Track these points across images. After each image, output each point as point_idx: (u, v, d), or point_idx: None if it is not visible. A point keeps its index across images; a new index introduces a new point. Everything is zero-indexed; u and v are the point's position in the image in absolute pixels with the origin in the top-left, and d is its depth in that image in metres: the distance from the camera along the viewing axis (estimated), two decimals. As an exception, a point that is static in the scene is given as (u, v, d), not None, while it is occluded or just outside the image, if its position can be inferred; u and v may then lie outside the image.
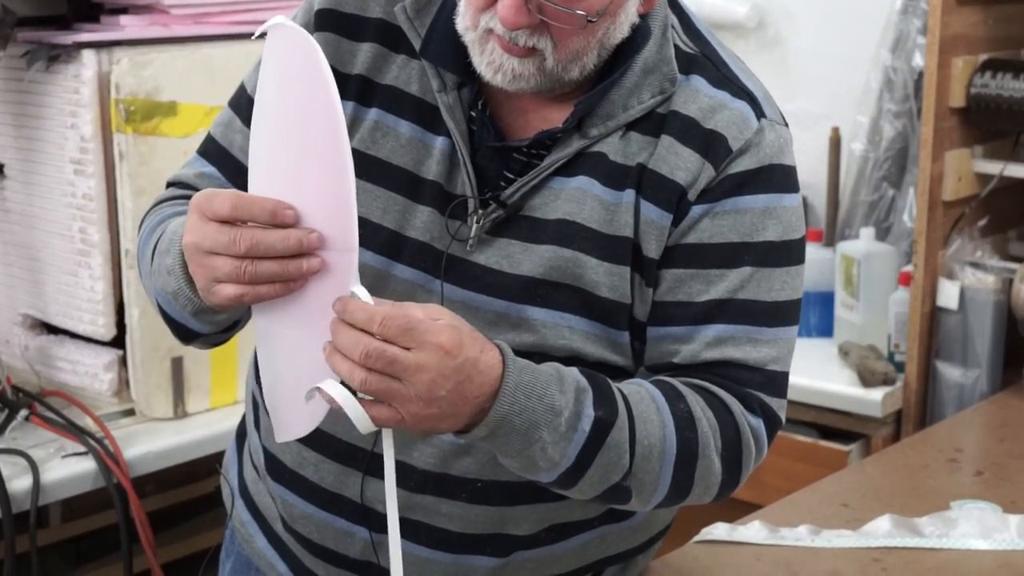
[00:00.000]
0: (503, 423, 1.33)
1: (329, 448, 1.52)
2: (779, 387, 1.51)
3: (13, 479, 2.19)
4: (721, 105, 1.48)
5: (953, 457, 2.40)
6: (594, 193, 1.46)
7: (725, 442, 1.45)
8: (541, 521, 1.53)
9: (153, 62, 2.40)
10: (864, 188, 3.15)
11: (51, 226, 2.50)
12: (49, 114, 2.45)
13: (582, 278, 1.45)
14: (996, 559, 1.95)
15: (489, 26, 1.41)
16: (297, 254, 1.28)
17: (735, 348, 1.47)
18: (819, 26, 3.28)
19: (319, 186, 1.28)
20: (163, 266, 1.44)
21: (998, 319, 2.79)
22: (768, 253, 1.48)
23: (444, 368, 1.27)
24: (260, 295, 1.31)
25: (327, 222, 1.27)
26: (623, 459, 1.40)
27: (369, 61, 1.51)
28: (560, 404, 1.35)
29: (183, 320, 1.47)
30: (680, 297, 1.47)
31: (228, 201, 1.30)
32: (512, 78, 1.42)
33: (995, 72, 2.75)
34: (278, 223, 1.28)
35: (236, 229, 1.29)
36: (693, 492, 1.46)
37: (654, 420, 1.41)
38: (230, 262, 1.29)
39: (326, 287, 1.29)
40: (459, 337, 1.28)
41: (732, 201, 1.46)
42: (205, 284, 1.33)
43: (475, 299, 1.46)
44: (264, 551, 1.66)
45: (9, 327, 2.60)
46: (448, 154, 1.48)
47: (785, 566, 1.92)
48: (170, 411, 2.50)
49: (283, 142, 1.31)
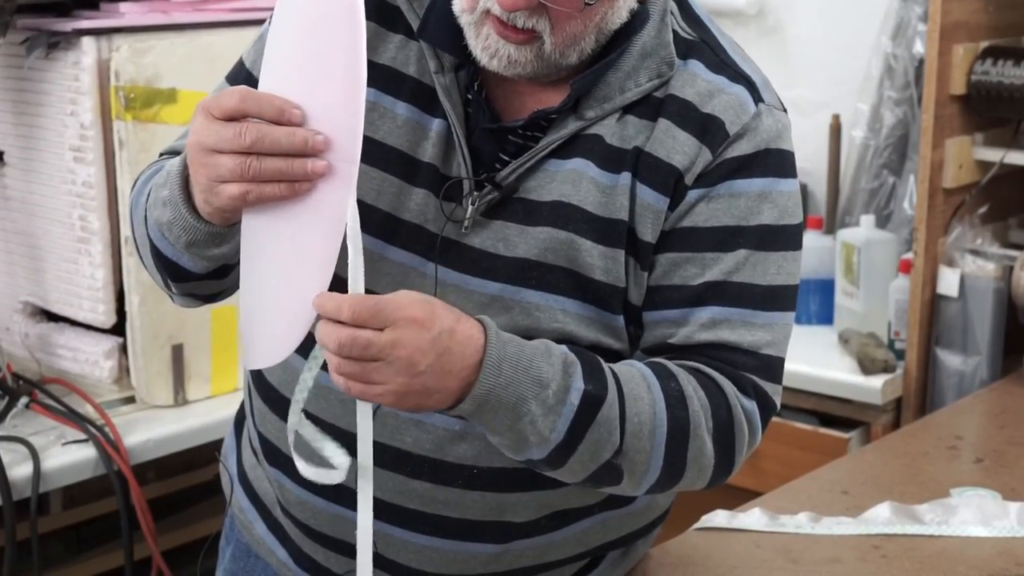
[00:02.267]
0: (489, 396, 1.33)
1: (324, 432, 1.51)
2: (774, 372, 1.50)
3: (13, 466, 2.19)
4: (719, 89, 1.47)
5: (953, 444, 2.40)
6: (590, 175, 1.45)
7: (717, 422, 1.44)
8: (540, 508, 1.53)
9: (153, 49, 2.40)
10: (864, 176, 3.14)
11: (51, 213, 2.50)
12: (49, 101, 2.44)
13: (576, 260, 1.45)
14: (996, 546, 1.96)
15: (486, 7, 1.40)
16: (302, 155, 1.27)
17: (729, 331, 1.46)
18: (819, 13, 3.28)
19: (330, 94, 1.27)
20: (159, 199, 1.43)
21: (998, 307, 2.79)
22: (763, 237, 1.47)
23: (420, 341, 1.28)
24: (264, 194, 1.29)
25: (334, 129, 1.27)
26: (613, 436, 1.39)
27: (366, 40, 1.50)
28: (547, 376, 1.35)
29: (175, 257, 1.45)
30: (675, 281, 1.47)
31: (236, 94, 1.29)
32: (508, 63, 1.42)
33: (996, 59, 2.75)
34: (285, 121, 1.28)
35: (242, 123, 1.29)
36: (686, 474, 1.45)
37: (644, 398, 1.41)
38: (234, 158, 1.29)
39: (324, 197, 1.29)
40: (430, 308, 1.30)
41: (727, 185, 1.46)
42: (207, 184, 1.32)
43: (469, 282, 1.46)
44: (264, 537, 1.66)
45: (9, 314, 2.60)
46: (444, 136, 1.47)
47: (785, 553, 1.92)
48: (170, 398, 2.50)
49: (300, 45, 1.30)
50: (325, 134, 1.27)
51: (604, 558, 1.66)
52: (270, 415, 1.57)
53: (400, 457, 1.47)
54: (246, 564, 1.71)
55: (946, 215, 2.82)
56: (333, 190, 1.28)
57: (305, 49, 1.30)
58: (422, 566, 1.53)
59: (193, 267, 1.46)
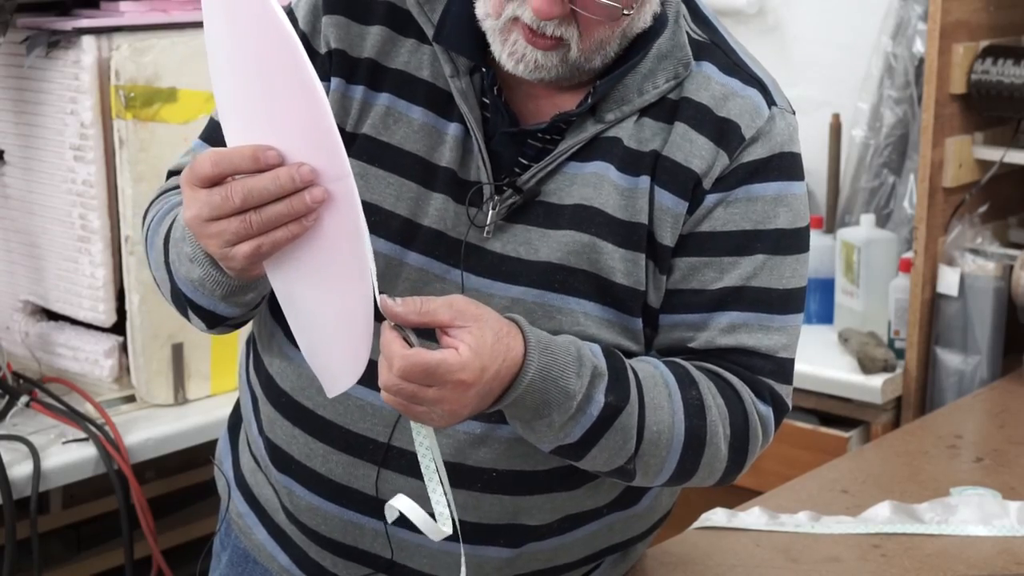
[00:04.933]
0: (517, 402, 1.36)
1: (339, 440, 1.52)
2: (787, 374, 1.52)
3: (14, 465, 2.19)
4: (733, 93, 1.48)
5: (953, 444, 2.40)
6: (610, 178, 1.45)
7: (734, 429, 1.47)
8: (555, 511, 1.54)
9: (153, 48, 2.40)
10: (864, 175, 3.14)
11: (51, 212, 2.50)
12: (49, 100, 2.44)
13: (598, 263, 1.45)
14: (996, 545, 1.96)
15: (516, 14, 1.40)
16: (296, 190, 1.24)
17: (748, 335, 1.48)
18: (819, 12, 3.28)
19: (296, 120, 1.23)
20: (183, 255, 1.42)
21: (998, 306, 2.79)
22: (779, 241, 1.49)
23: (465, 399, 1.31)
24: (277, 241, 1.27)
25: (314, 153, 1.24)
26: (629, 443, 1.41)
27: (378, 44, 1.49)
28: (574, 388, 1.37)
29: (212, 307, 1.46)
30: (694, 285, 1.48)
31: (207, 159, 1.27)
32: (534, 68, 1.42)
33: (996, 58, 2.75)
34: (263, 167, 1.25)
35: (226, 186, 1.26)
36: (697, 476, 1.48)
37: (664, 407, 1.43)
38: (234, 220, 1.27)
39: (333, 220, 1.26)
40: (479, 366, 1.30)
41: (745, 189, 1.47)
42: (220, 253, 1.30)
43: (491, 287, 1.46)
44: (264, 543, 1.65)
45: (9, 313, 2.60)
46: (461, 140, 1.47)
47: (784, 552, 1.92)
48: (170, 397, 2.50)
49: (247, 87, 1.26)
50: (307, 163, 1.24)
51: (604, 561, 1.66)
52: (281, 421, 1.56)
53: None
54: (243, 570, 1.70)
55: (946, 214, 2.82)
56: (338, 209, 1.26)
57: (254, 87, 1.25)
58: (436, 571, 1.53)
59: (230, 312, 1.47)
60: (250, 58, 1.24)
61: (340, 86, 1.48)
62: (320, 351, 1.37)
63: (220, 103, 1.31)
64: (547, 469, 1.50)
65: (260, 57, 1.23)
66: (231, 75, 1.28)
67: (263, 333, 1.60)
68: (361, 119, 1.49)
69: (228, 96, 1.29)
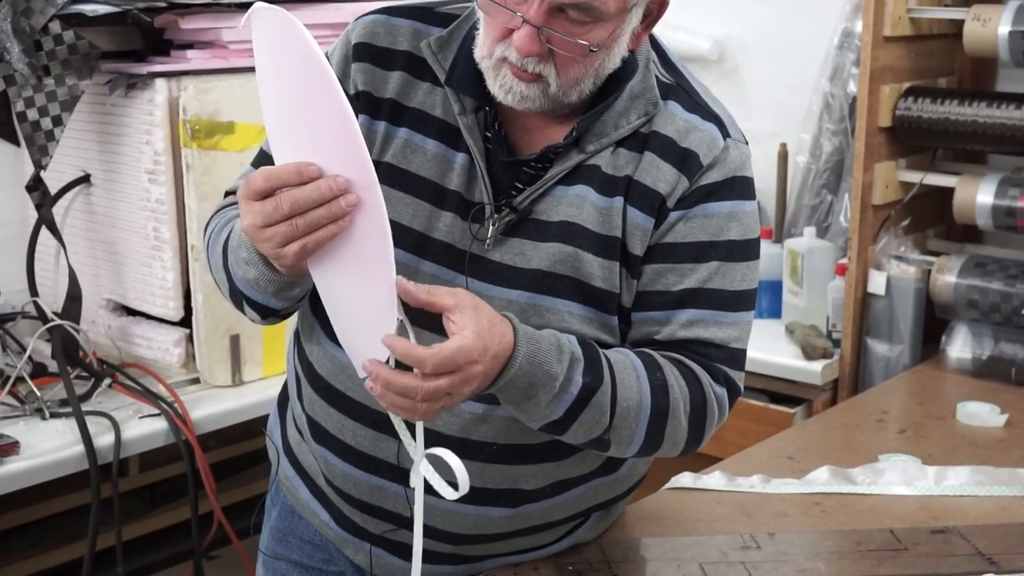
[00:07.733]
0: (509, 384, 1.36)
1: (366, 417, 1.52)
2: (739, 362, 1.52)
3: (99, 436, 2.19)
4: (694, 127, 1.47)
5: (880, 418, 2.40)
6: (590, 199, 1.45)
7: (693, 407, 1.46)
8: (547, 478, 1.54)
9: (214, 88, 2.40)
10: (807, 194, 3.14)
11: (130, 225, 2.50)
12: (128, 132, 2.44)
13: (580, 270, 1.45)
14: (916, 503, 1.96)
15: (504, 55, 1.39)
16: (333, 197, 1.26)
17: (704, 329, 1.47)
18: (770, 58, 3.28)
19: (331, 139, 1.25)
20: (240, 259, 1.42)
21: (918, 303, 2.79)
22: (732, 250, 1.48)
23: (475, 375, 1.31)
24: (319, 240, 1.28)
25: (347, 166, 1.25)
26: (604, 418, 1.41)
27: (399, 87, 1.49)
28: (556, 371, 1.36)
29: (265, 301, 1.46)
30: (659, 287, 1.47)
31: (259, 176, 1.28)
32: (520, 99, 1.41)
33: (916, 97, 2.75)
34: (306, 179, 1.26)
35: (276, 197, 1.28)
36: (663, 447, 1.47)
37: (633, 387, 1.42)
38: (283, 225, 1.28)
39: (363, 221, 1.27)
40: (483, 345, 1.30)
41: (702, 207, 1.46)
42: (274, 253, 1.31)
43: (492, 290, 1.45)
44: (308, 502, 1.65)
45: (95, 310, 2.60)
46: (467, 167, 1.47)
47: (741, 508, 1.92)
48: (229, 379, 2.50)
49: (290, 113, 1.28)
50: (342, 174, 1.25)
51: (591, 516, 1.66)
52: (319, 401, 1.57)
53: (431, 436, 1.47)
54: (291, 523, 1.70)
55: (875, 227, 2.82)
56: (367, 213, 1.27)
57: (297, 114, 1.27)
58: (447, 527, 1.54)
59: (281, 306, 1.47)
60: (293, 90, 1.26)
61: (366, 122, 1.49)
62: (356, 334, 1.37)
63: (269, 129, 1.32)
64: (540, 443, 1.50)
65: (301, 89, 1.24)
66: (278, 106, 1.29)
67: (305, 327, 1.60)
68: (384, 149, 1.48)
69: (276, 123, 1.31)
